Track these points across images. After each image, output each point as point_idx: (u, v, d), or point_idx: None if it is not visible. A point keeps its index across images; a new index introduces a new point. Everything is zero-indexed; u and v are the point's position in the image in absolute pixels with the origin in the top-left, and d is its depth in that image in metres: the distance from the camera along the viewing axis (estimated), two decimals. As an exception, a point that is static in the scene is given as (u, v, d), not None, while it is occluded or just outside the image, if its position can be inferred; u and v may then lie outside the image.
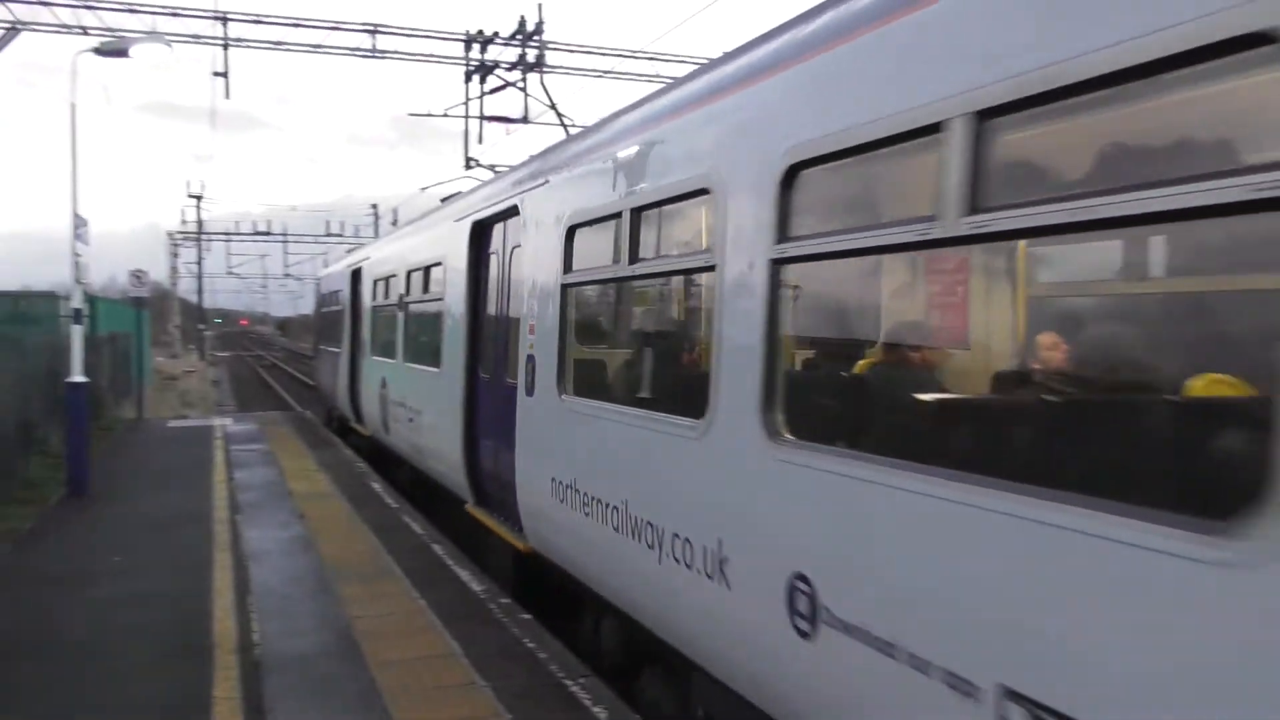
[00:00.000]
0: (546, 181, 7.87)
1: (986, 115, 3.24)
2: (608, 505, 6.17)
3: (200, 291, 68.33)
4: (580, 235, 7.05)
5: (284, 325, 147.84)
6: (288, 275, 79.41)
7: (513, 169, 9.85)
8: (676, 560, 5.19)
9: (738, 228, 4.70)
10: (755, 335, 4.44)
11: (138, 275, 25.51)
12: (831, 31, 4.25)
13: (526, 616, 7.65)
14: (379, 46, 24.83)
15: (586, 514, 6.52)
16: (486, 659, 6.67)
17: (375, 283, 16.17)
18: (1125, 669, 2.70)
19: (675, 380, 5.93)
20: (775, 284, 4.38)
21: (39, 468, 14.52)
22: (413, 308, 13.26)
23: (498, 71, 21.59)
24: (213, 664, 6.60)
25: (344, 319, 19.22)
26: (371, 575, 8.84)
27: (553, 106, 19.17)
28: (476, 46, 22.29)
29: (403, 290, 13.76)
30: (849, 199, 4.52)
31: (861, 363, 4.91)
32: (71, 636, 7.29)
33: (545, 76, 20.17)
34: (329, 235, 64.78)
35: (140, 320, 28.74)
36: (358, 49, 24.84)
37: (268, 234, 67.89)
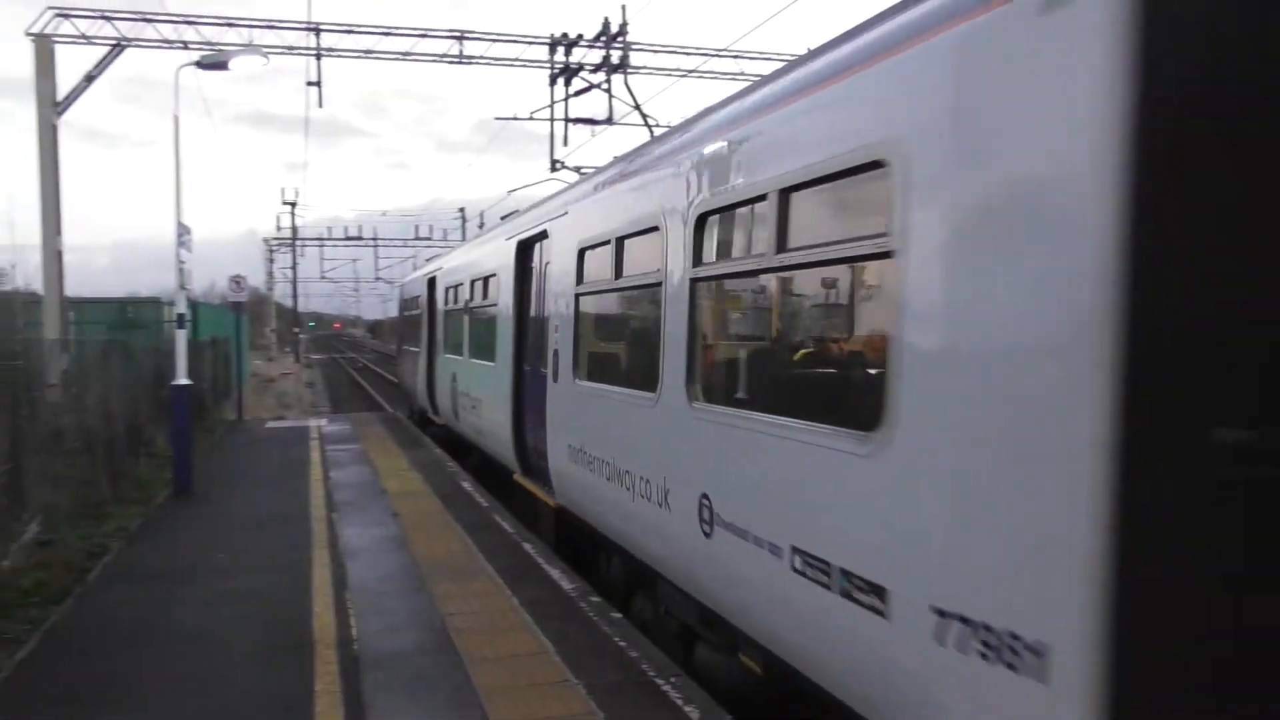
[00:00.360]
0: (566, 213, 10.00)
1: (785, 192, 5.13)
2: (603, 462, 8.19)
3: (295, 296, 70.15)
4: (587, 255, 9.07)
5: (375, 328, 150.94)
6: (378, 279, 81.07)
7: (545, 200, 11.81)
8: (642, 496, 7.21)
9: (673, 255, 6.69)
10: (682, 331, 6.49)
11: (237, 281, 26.27)
12: (711, 130, 6.42)
13: (617, 615, 7.70)
14: (466, 52, 25.18)
15: (591, 470, 8.55)
16: (578, 657, 6.73)
17: (447, 290, 18.25)
18: (834, 520, 4.59)
19: (643, 365, 7.66)
20: (693, 295, 6.39)
21: (145, 468, 15.07)
22: (475, 312, 15.26)
23: (582, 74, 21.71)
24: (314, 658, 6.78)
25: (422, 322, 21.23)
26: (464, 573, 8.99)
27: (637, 107, 19.23)
28: (561, 50, 22.43)
29: (468, 296, 15.75)
30: (729, 239, 6.32)
31: (728, 348, 6.69)
32: (180, 630, 7.55)
33: (629, 77, 20.20)
34: (418, 239, 65.89)
35: (239, 324, 29.60)
36: (445, 55, 25.22)
37: (359, 239, 69.31)
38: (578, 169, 20.84)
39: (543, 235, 10.96)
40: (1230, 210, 3.14)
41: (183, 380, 13.78)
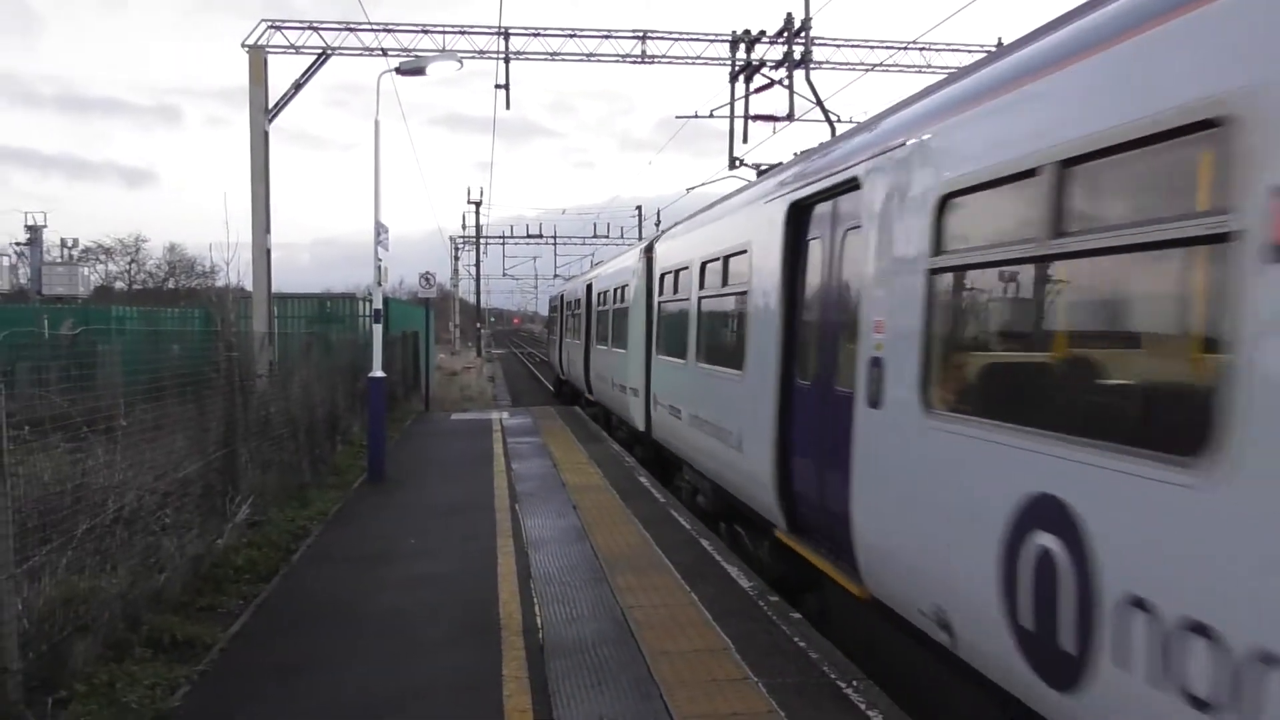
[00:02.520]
0: (593, 279, 23.88)
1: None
2: (609, 379, 20.40)
3: (478, 293, 72.35)
4: (601, 296, 22.10)
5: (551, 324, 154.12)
6: (557, 276, 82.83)
7: (591, 269, 28.82)
8: (614, 385, 19.29)
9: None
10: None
11: (427, 278, 27.30)
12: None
13: (796, 615, 7.62)
14: (648, 52, 25.44)
15: (606, 382, 20.96)
16: (758, 655, 6.70)
17: (566, 303, 32.12)
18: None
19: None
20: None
21: (342, 455, 15.88)
22: (575, 317, 28.11)
23: (763, 71, 21.57)
24: (500, 643, 6.99)
25: (556, 320, 36.22)
26: (643, 567, 9.09)
27: (819, 103, 18.95)
28: (742, 47, 22.35)
29: (573, 309, 29.07)
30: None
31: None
32: (376, 609, 7.92)
33: (811, 73, 19.93)
34: (595, 236, 67.11)
35: (428, 319, 30.79)
36: (628, 55, 25.55)
37: (539, 236, 71.14)
38: (757, 166, 20.74)
39: (591, 284, 23.72)
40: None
41: (378, 372, 14.46)
